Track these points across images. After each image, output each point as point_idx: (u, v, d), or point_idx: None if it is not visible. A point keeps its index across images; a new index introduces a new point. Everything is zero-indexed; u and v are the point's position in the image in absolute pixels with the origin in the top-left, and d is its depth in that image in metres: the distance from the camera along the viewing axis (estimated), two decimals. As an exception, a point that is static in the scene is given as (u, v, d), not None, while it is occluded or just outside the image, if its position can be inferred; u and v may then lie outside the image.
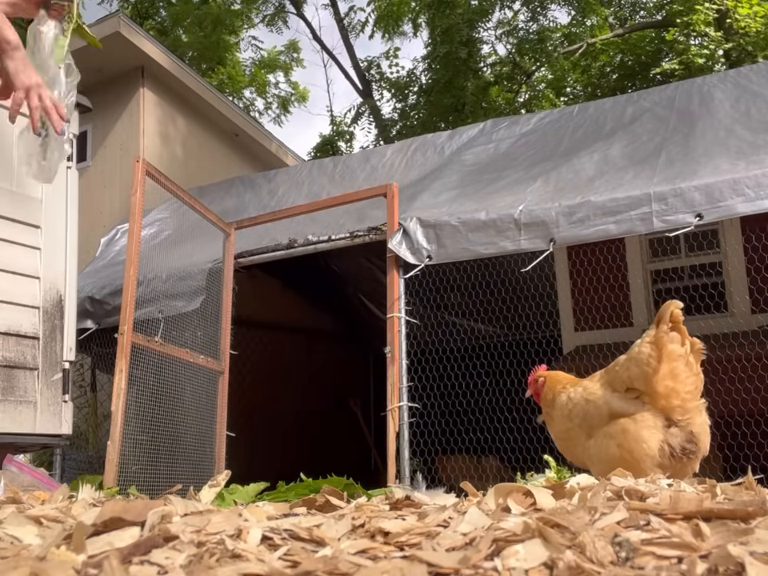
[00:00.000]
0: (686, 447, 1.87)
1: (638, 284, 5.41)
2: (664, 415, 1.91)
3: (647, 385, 1.91)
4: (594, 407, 2.06)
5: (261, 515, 1.30)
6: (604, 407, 2.03)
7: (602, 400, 2.04)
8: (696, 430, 1.92)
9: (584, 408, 2.10)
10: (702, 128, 4.80)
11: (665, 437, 1.88)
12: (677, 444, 1.87)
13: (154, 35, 11.74)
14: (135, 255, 4.32)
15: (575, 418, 2.14)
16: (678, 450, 1.86)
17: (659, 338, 1.90)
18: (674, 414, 1.89)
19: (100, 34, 7.92)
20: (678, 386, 1.90)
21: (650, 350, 1.93)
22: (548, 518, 1.04)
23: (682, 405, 1.90)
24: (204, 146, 9.55)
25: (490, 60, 16.12)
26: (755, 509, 1.08)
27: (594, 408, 2.07)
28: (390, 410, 4.44)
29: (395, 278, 4.66)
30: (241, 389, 5.83)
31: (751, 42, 11.50)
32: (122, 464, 4.01)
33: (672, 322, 1.90)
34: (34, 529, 1.18)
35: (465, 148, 6.21)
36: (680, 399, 1.90)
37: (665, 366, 1.89)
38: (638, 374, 1.95)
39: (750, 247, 4.64)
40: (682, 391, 1.91)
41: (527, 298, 5.55)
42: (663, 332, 1.90)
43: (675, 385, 1.89)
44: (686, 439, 1.88)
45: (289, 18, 18.22)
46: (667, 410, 1.90)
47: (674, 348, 1.90)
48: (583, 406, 2.11)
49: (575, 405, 2.14)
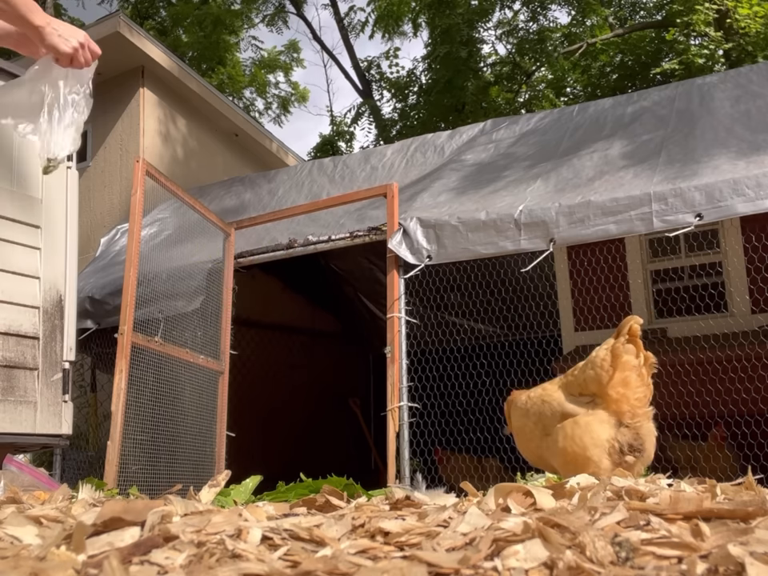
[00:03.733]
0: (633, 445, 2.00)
1: (638, 284, 5.41)
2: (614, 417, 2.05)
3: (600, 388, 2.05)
4: (549, 408, 2.21)
5: (261, 515, 1.30)
6: (558, 408, 2.18)
7: (557, 402, 2.19)
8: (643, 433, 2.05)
9: (540, 408, 2.24)
10: (701, 128, 4.80)
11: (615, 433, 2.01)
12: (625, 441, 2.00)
13: (153, 35, 11.74)
14: (135, 255, 4.32)
15: (532, 416, 2.28)
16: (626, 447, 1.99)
17: (616, 347, 2.05)
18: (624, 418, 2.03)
19: (100, 34, 7.93)
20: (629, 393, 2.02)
21: (606, 357, 2.06)
22: (548, 518, 1.04)
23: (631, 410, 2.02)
24: (204, 145, 9.55)
25: (490, 60, 16.13)
26: (755, 509, 1.08)
27: (548, 408, 2.21)
28: (389, 410, 4.44)
29: (395, 278, 4.66)
30: (241, 389, 5.83)
31: (751, 42, 11.50)
32: (122, 464, 4.01)
33: (630, 335, 2.05)
34: (33, 529, 1.18)
35: (465, 148, 6.21)
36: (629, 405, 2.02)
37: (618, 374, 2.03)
38: (593, 377, 2.08)
39: (750, 247, 4.64)
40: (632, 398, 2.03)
41: (527, 297, 5.55)
42: (620, 343, 2.05)
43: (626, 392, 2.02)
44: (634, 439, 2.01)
45: (289, 17, 18.24)
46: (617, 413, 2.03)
47: (629, 359, 2.04)
48: (539, 406, 2.25)
49: (533, 404, 2.29)
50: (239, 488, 2.98)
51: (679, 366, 4.56)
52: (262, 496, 3.04)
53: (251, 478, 3.07)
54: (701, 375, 4.43)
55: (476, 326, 7.09)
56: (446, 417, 4.81)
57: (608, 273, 5.20)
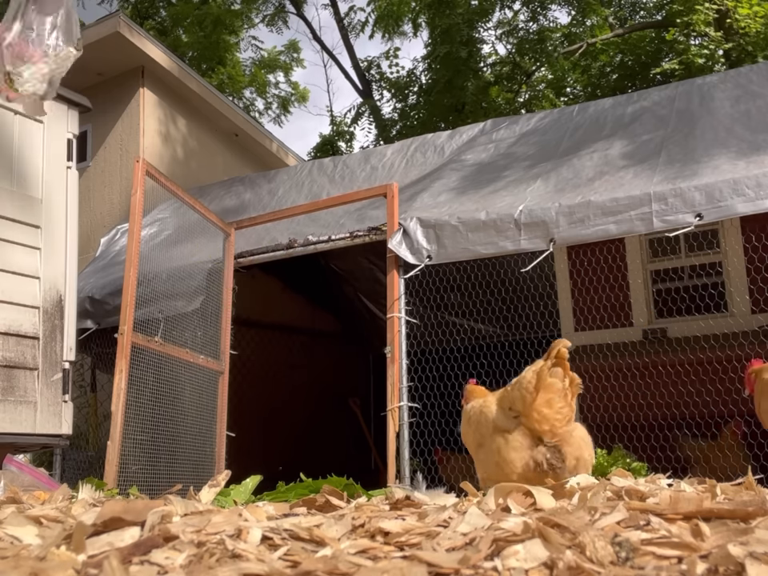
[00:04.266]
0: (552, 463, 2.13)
1: (638, 284, 5.41)
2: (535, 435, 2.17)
3: (525, 408, 2.17)
4: (485, 419, 2.37)
5: (261, 515, 1.30)
6: (491, 421, 2.33)
7: (492, 415, 2.35)
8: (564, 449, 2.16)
9: (478, 418, 2.42)
10: (702, 128, 4.80)
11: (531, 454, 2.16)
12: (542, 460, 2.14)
13: (153, 35, 11.74)
14: (135, 255, 4.32)
15: (472, 424, 2.47)
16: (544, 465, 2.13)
17: (541, 370, 2.15)
18: (544, 436, 2.15)
19: (100, 34, 7.94)
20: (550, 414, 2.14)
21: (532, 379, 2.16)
22: (548, 518, 1.04)
23: (551, 430, 2.14)
24: (204, 145, 9.55)
25: (490, 60, 16.12)
26: (755, 509, 1.08)
27: (484, 419, 2.38)
28: (390, 410, 4.44)
29: (395, 278, 4.66)
30: (241, 389, 5.83)
31: (751, 42, 11.49)
32: (122, 464, 4.00)
33: (557, 358, 2.15)
34: (34, 529, 1.18)
35: (465, 148, 6.21)
36: (549, 425, 2.14)
37: (542, 395, 2.14)
38: (518, 397, 2.21)
39: (750, 247, 4.64)
40: (552, 418, 2.14)
41: (527, 297, 5.55)
42: (546, 366, 2.14)
43: (548, 412, 2.14)
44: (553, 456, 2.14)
45: (289, 17, 18.23)
46: (538, 431, 2.16)
47: (553, 381, 2.15)
48: (478, 417, 2.43)
49: (474, 413, 2.46)
50: (239, 488, 2.98)
51: (679, 366, 4.56)
52: (261, 496, 3.04)
53: (251, 478, 3.07)
54: (701, 375, 4.43)
55: (476, 325, 7.09)
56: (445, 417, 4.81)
57: (608, 273, 5.20)
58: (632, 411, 4.80)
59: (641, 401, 4.77)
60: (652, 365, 4.75)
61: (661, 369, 4.70)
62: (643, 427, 4.50)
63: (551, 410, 2.13)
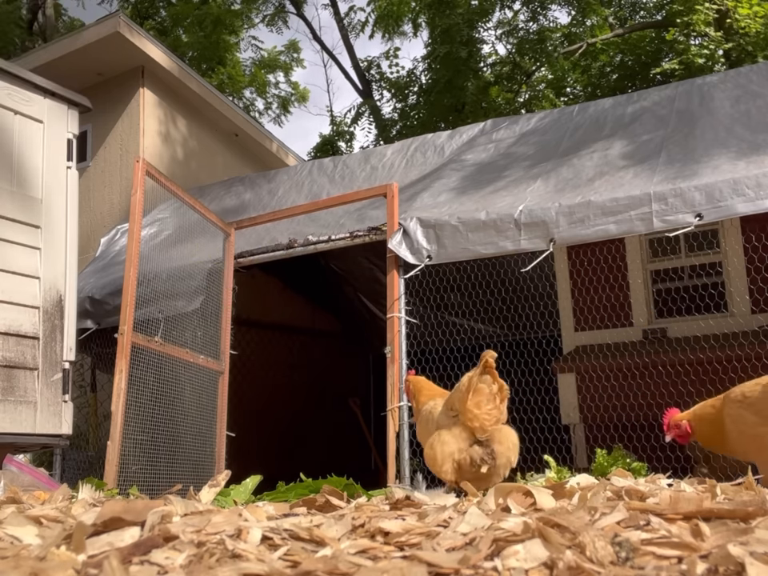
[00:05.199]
0: (484, 459, 2.52)
1: (638, 284, 5.41)
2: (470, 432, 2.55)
3: (461, 407, 2.55)
4: (431, 417, 2.79)
5: (261, 515, 1.30)
6: (435, 419, 2.74)
7: (437, 414, 2.75)
8: (496, 448, 2.54)
9: (426, 417, 2.86)
10: (701, 128, 4.80)
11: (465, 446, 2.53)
12: (476, 456, 2.52)
13: (153, 35, 11.74)
14: (135, 255, 4.32)
15: (422, 422, 2.90)
16: (477, 460, 2.51)
17: (472, 378, 2.53)
18: (476, 432, 2.53)
19: (100, 34, 7.94)
20: (480, 414, 2.52)
21: (466, 383, 2.55)
22: (548, 518, 1.04)
23: (481, 427, 2.51)
24: (204, 146, 9.55)
25: (490, 60, 16.12)
26: (755, 509, 1.08)
27: (431, 417, 2.79)
28: (390, 410, 4.44)
29: (395, 278, 4.66)
30: (241, 389, 5.83)
31: (751, 42, 11.49)
32: (122, 464, 4.00)
33: (486, 367, 2.51)
34: (34, 529, 1.18)
35: (465, 148, 6.21)
36: (479, 422, 2.51)
37: (473, 397, 2.52)
38: (457, 398, 2.61)
39: (750, 247, 4.64)
40: (482, 417, 2.52)
41: (527, 297, 5.55)
42: (477, 374, 2.52)
43: (478, 412, 2.51)
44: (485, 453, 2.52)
45: (289, 17, 18.25)
46: (471, 428, 2.53)
47: (482, 387, 2.53)
48: (426, 415, 2.86)
49: (427, 412, 2.88)
50: (239, 488, 2.98)
51: (679, 366, 4.56)
52: (261, 496, 3.04)
53: (251, 478, 3.07)
54: (701, 375, 4.43)
55: (476, 325, 7.09)
56: (445, 417, 4.81)
57: (608, 273, 5.20)
58: (632, 411, 4.80)
59: (641, 401, 4.76)
60: (652, 365, 4.74)
61: (661, 369, 4.70)
62: (643, 427, 4.49)
63: (480, 410, 2.51)
